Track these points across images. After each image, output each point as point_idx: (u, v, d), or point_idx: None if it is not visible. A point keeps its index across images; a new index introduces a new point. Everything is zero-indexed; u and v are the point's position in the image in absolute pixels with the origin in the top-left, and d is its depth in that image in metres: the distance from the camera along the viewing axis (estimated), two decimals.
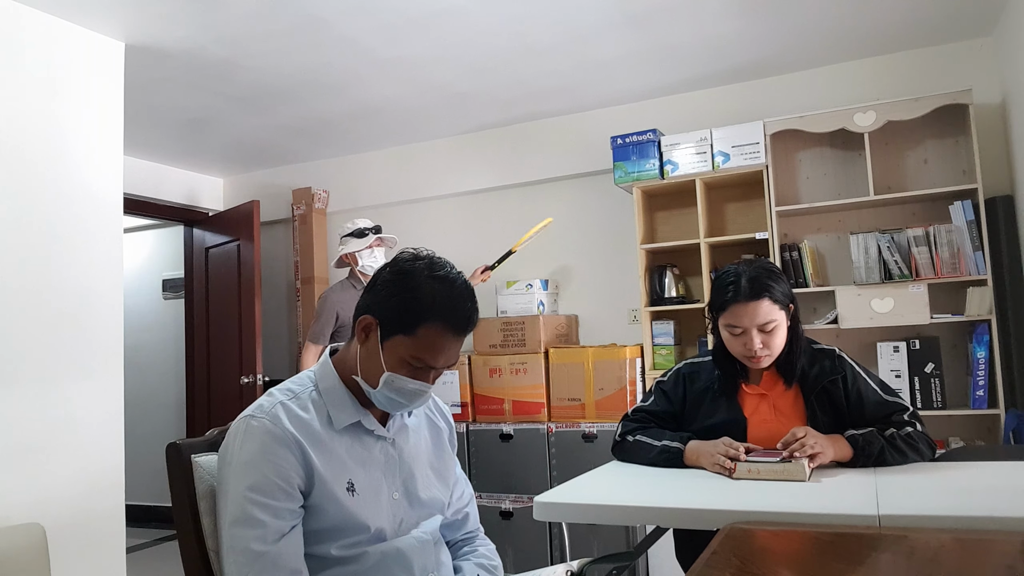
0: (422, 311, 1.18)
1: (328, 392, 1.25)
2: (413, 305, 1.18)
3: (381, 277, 1.25)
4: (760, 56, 3.36)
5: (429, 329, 1.18)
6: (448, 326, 1.19)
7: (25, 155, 2.54)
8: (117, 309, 2.83)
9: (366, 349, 1.23)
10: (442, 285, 1.20)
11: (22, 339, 2.48)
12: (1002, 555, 1.03)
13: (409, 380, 1.21)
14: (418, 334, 1.19)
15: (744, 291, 1.70)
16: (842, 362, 1.78)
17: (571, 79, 3.53)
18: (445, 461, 1.42)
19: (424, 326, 1.18)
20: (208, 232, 4.75)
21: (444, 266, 1.24)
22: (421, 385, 1.22)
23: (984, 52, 3.23)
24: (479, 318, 1.26)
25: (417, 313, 1.18)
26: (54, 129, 2.65)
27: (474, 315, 1.23)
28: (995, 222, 3.03)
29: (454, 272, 1.23)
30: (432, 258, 1.24)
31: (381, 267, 1.28)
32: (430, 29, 2.90)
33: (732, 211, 3.65)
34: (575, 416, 3.47)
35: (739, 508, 1.32)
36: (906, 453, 1.62)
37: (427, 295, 1.19)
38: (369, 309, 1.23)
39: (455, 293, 1.21)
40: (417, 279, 1.20)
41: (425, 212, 4.45)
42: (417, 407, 1.31)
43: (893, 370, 3.10)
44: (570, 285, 4.05)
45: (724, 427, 1.75)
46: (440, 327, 1.19)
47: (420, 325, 1.18)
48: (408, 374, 1.21)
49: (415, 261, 1.23)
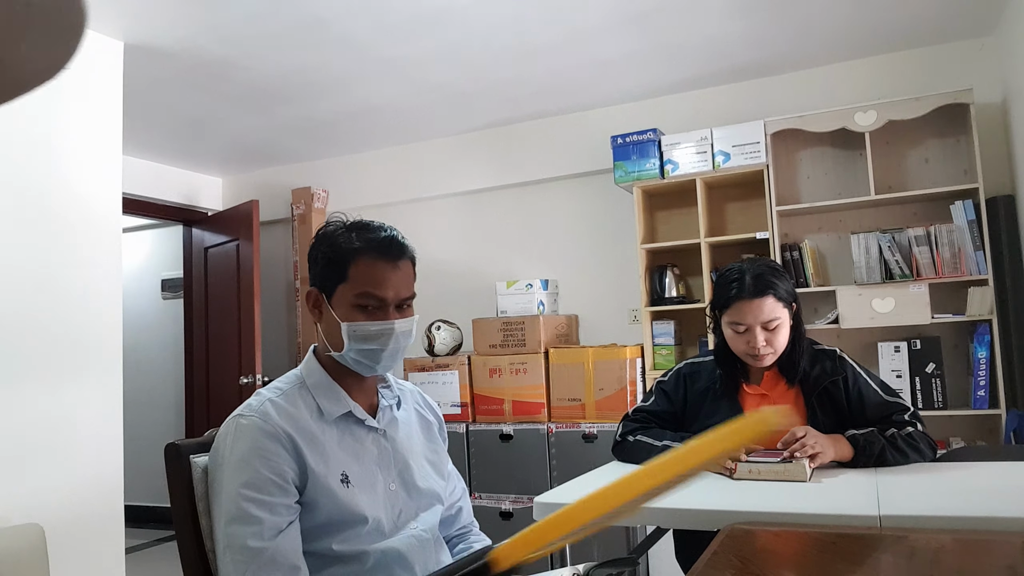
0: (346, 253, 1.25)
1: (316, 386, 1.27)
2: (337, 253, 1.25)
3: (308, 255, 1.32)
4: (760, 56, 3.35)
5: (358, 265, 1.24)
6: (375, 254, 1.24)
7: (24, 155, 2.54)
8: (116, 309, 2.83)
9: (324, 320, 1.28)
10: (357, 229, 1.27)
11: (21, 339, 2.48)
12: (1002, 555, 1.03)
13: (369, 323, 1.23)
14: (351, 275, 1.24)
15: (748, 288, 1.70)
16: (843, 363, 1.78)
17: (571, 79, 3.53)
18: (439, 454, 1.42)
19: (353, 265, 1.24)
20: (207, 232, 4.75)
21: (359, 219, 1.31)
22: (383, 324, 1.24)
23: (985, 51, 3.23)
24: (480, 320, 1.26)
25: (342, 256, 1.25)
26: (53, 129, 2.65)
27: (396, 237, 1.28)
28: (996, 222, 3.02)
29: (367, 219, 1.31)
30: (345, 219, 1.32)
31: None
32: (430, 29, 2.90)
33: (732, 211, 3.65)
34: (575, 416, 3.47)
35: (740, 508, 1.32)
36: (907, 453, 1.61)
37: (345, 240, 1.26)
38: (310, 284, 1.31)
39: (371, 227, 1.28)
40: (334, 234, 1.28)
41: (425, 212, 4.44)
42: (393, 351, 1.27)
43: (894, 370, 3.09)
44: (570, 285, 4.05)
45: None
46: (368, 258, 1.24)
47: (349, 265, 1.24)
48: (364, 319, 1.24)
49: (328, 226, 1.31)
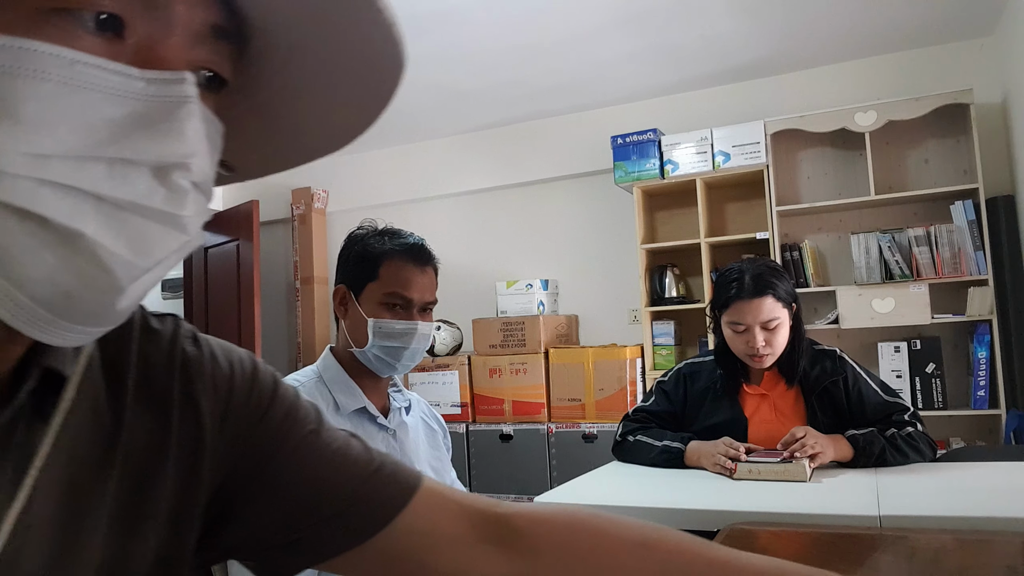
0: (377, 254, 1.31)
1: (332, 381, 1.30)
2: (369, 253, 1.31)
3: (340, 255, 1.38)
4: (760, 56, 3.36)
5: (389, 265, 1.29)
6: (405, 256, 1.30)
7: None
8: None
9: (349, 317, 1.32)
10: (388, 234, 1.34)
11: None
12: (1003, 555, 1.03)
13: (395, 321, 1.28)
14: (381, 274, 1.29)
15: (748, 288, 1.70)
16: (843, 363, 1.78)
17: (571, 79, 3.53)
18: (443, 462, 1.44)
19: (383, 265, 1.29)
20: (207, 232, 4.66)
21: (389, 226, 1.38)
22: (408, 324, 1.28)
23: (985, 52, 3.23)
24: (482, 319, 1.28)
25: (374, 257, 1.30)
26: None
27: (424, 245, 1.34)
28: (996, 222, 3.02)
29: (396, 227, 1.38)
30: (376, 225, 1.38)
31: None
32: (430, 29, 2.90)
33: (733, 211, 3.65)
34: (575, 416, 3.47)
35: (740, 509, 1.32)
36: (907, 453, 1.61)
37: (378, 242, 1.33)
38: (337, 282, 1.36)
39: (401, 233, 1.34)
40: (366, 239, 1.35)
41: (425, 212, 4.44)
42: (414, 351, 1.32)
43: (894, 370, 3.09)
44: (570, 285, 4.05)
45: (725, 427, 1.75)
46: (398, 259, 1.30)
47: (380, 265, 1.29)
48: (391, 316, 1.28)
49: (359, 230, 1.38)
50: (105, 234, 0.34)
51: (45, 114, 0.32)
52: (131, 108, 0.34)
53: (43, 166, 0.32)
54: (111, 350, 0.47)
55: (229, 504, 0.52)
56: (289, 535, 0.52)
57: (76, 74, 0.32)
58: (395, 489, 0.55)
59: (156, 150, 0.35)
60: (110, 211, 0.34)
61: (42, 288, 0.33)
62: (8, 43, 0.31)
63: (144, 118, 0.35)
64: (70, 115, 0.32)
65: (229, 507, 0.52)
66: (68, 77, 0.32)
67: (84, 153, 0.33)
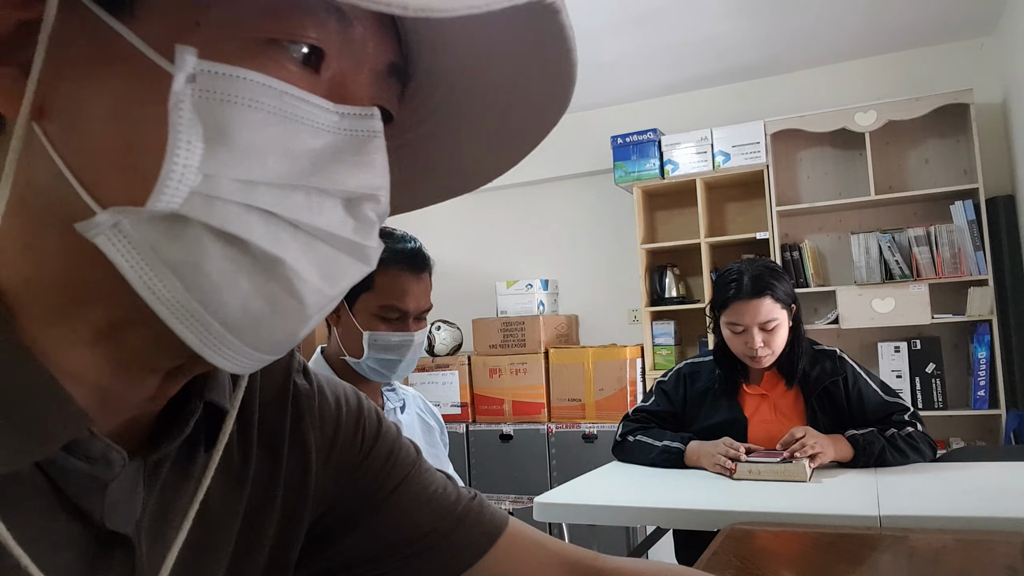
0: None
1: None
2: None
3: None
4: (760, 56, 3.36)
5: (385, 275, 1.25)
6: (402, 265, 1.26)
7: None
8: None
9: (342, 326, 1.28)
10: (384, 237, 1.28)
11: None
12: (1002, 555, 1.03)
13: (390, 333, 1.25)
14: (376, 284, 1.24)
15: (746, 289, 1.71)
16: (843, 363, 1.78)
17: None
18: (440, 458, 1.43)
19: (379, 275, 1.24)
20: None
21: (384, 227, 1.34)
22: (404, 336, 1.25)
23: (985, 52, 3.23)
24: (482, 319, 1.28)
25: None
26: None
27: (421, 250, 1.29)
28: (996, 222, 3.02)
29: (390, 228, 1.32)
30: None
31: None
32: None
33: (733, 211, 3.65)
34: (575, 416, 3.47)
35: (740, 509, 1.32)
36: (907, 453, 1.61)
37: None
38: None
39: (396, 238, 1.29)
40: None
41: (425, 212, 4.38)
42: (410, 362, 1.30)
43: (894, 370, 3.09)
44: (570, 285, 4.05)
45: (725, 427, 1.75)
46: (394, 269, 1.25)
47: (375, 275, 1.23)
48: (386, 329, 1.25)
49: None
50: (301, 262, 0.34)
51: (256, 142, 0.32)
52: (328, 140, 0.35)
53: (251, 193, 0.32)
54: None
55: (327, 532, 0.54)
56: (376, 568, 0.55)
57: (284, 104, 0.33)
58: (480, 532, 0.57)
59: (350, 182, 0.35)
60: (305, 239, 0.34)
61: (234, 314, 0.33)
62: (227, 71, 0.32)
63: (339, 151, 0.35)
64: (277, 144, 0.33)
65: (326, 535, 0.54)
66: (277, 107, 0.33)
67: (287, 181, 0.33)
